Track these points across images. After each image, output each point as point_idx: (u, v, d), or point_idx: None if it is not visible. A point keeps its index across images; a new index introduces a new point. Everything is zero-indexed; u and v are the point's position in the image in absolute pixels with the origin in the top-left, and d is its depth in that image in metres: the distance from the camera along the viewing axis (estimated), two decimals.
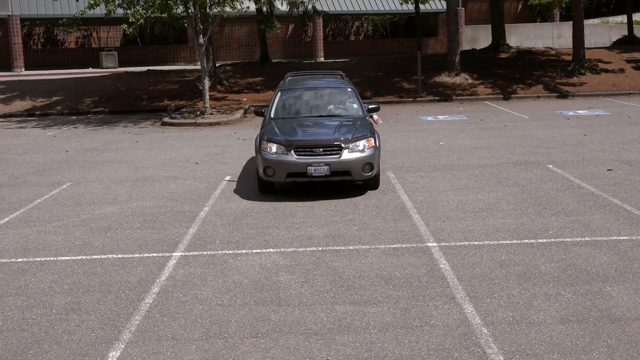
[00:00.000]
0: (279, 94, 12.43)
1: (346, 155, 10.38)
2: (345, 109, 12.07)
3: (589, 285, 6.80)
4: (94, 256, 8.23)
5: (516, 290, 6.73)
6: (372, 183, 10.96)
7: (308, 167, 10.29)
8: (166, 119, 21.23)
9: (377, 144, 10.83)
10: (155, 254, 8.23)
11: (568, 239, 8.25)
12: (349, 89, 12.53)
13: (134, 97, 25.53)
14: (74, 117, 23.25)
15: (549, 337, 5.71)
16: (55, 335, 6.07)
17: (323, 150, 10.39)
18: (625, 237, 8.25)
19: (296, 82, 13.06)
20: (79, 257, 8.19)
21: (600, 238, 8.26)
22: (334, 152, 10.39)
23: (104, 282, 7.35)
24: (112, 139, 18.07)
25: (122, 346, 5.81)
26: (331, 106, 12.09)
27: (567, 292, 6.63)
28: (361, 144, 10.50)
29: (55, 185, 12.26)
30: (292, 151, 10.39)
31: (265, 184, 10.84)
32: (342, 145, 10.42)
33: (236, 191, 11.38)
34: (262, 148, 10.68)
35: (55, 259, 8.18)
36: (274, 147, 10.52)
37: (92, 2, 19.39)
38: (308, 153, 10.39)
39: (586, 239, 8.25)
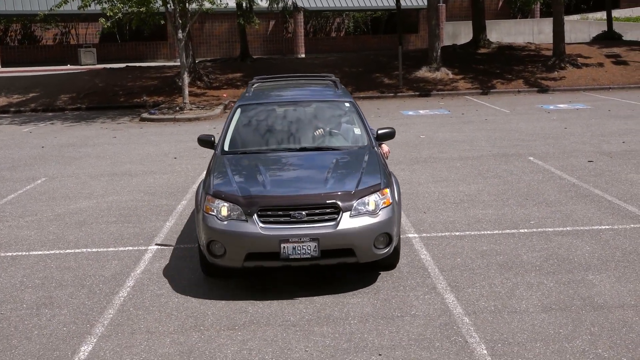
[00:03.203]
0: (238, 112, 8.01)
1: (347, 222, 6.24)
2: (341, 135, 7.79)
3: (571, 274, 6.71)
4: (67, 250, 8.03)
5: (498, 280, 6.63)
6: (389, 261, 6.85)
7: (283, 245, 6.16)
8: (145, 115, 20.98)
9: (397, 197, 6.78)
10: (130, 248, 8.05)
11: (550, 229, 8.17)
12: (347, 103, 8.14)
13: (112, 93, 25.22)
14: (50, 114, 22.91)
15: (531, 325, 5.61)
16: (25, 330, 5.88)
17: (308, 214, 6.24)
18: (607, 227, 8.19)
19: (266, 93, 8.76)
20: (52, 252, 7.99)
21: (582, 227, 8.19)
22: (327, 218, 6.26)
23: (78, 276, 7.16)
24: (89, 134, 17.80)
25: (95, 340, 5.64)
26: (319, 131, 7.74)
27: (549, 281, 6.54)
28: (371, 200, 6.39)
29: (29, 181, 12.02)
30: (256, 215, 6.24)
31: (211, 266, 6.73)
32: (340, 204, 6.28)
33: None
34: (205, 208, 6.51)
35: (27, 253, 7.97)
36: (224, 208, 6.36)
37: None
38: (282, 219, 6.25)
39: (568, 228, 8.18)
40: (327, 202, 6.32)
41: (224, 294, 6.51)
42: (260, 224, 6.25)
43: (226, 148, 7.60)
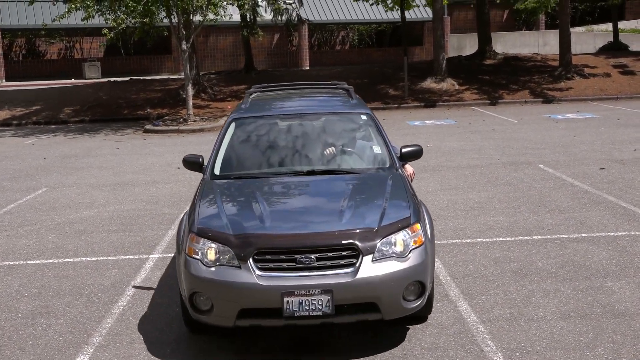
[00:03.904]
0: (232, 127, 6.69)
1: (369, 268, 4.95)
2: (357, 155, 6.45)
3: (588, 280, 6.44)
4: (66, 259, 7.78)
5: (512, 287, 6.36)
6: (419, 314, 5.50)
7: (286, 299, 4.87)
8: (148, 127, 20.80)
9: (430, 233, 5.43)
10: (131, 256, 7.80)
11: (564, 236, 7.90)
12: (364, 116, 6.76)
13: (116, 105, 25.07)
14: (53, 126, 22.75)
15: (550, 333, 5.33)
16: (19, 340, 5.63)
17: (318, 259, 4.95)
18: (624, 233, 7.91)
19: (266, 104, 7.38)
20: (50, 261, 7.74)
21: (597, 234, 7.91)
22: (343, 264, 4.97)
23: (76, 285, 6.92)
24: (92, 145, 17.61)
25: (92, 350, 5.39)
26: (330, 150, 6.41)
27: (567, 288, 6.26)
28: (399, 239, 5.09)
29: (30, 191, 11.80)
30: (251, 260, 4.97)
31: (195, 322, 5.38)
32: (360, 244, 4.98)
33: None
34: (187, 250, 5.22)
35: (24, 262, 7.73)
36: (211, 251, 5.08)
37: (72, 6, 18.97)
38: (285, 265, 4.97)
39: (583, 235, 7.91)
40: (343, 242, 4.96)
41: None
42: (258, 272, 4.91)
43: (217, 171, 6.27)
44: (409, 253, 5.08)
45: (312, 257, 4.95)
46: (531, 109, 22.27)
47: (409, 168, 6.76)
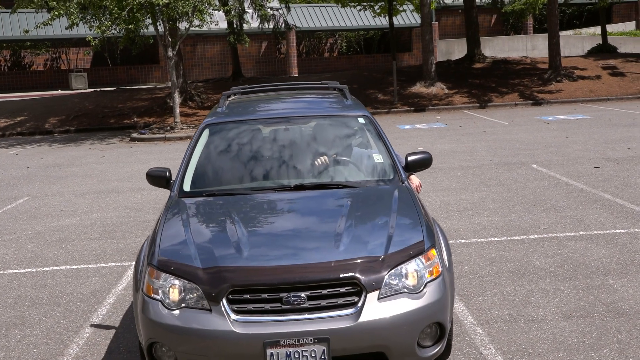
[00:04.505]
0: (205, 134, 5.62)
1: (375, 308, 3.99)
2: (355, 165, 5.44)
3: (589, 279, 6.18)
4: (45, 268, 7.47)
5: (510, 287, 6.09)
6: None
7: (270, 351, 3.90)
8: (135, 135, 20.49)
9: (447, 259, 4.46)
10: (113, 264, 7.49)
11: (561, 234, 7.65)
12: (361, 119, 5.77)
13: (102, 115, 24.73)
14: (38, 136, 22.40)
15: (552, 334, 5.07)
16: None
17: (310, 298, 3.99)
18: (622, 230, 7.67)
19: (246, 107, 6.27)
20: (28, 270, 7.43)
21: (595, 232, 7.66)
22: (341, 303, 4.02)
23: (54, 294, 6.60)
24: (77, 155, 17.27)
25: None
26: (322, 159, 5.39)
27: (567, 287, 6.00)
28: (411, 270, 4.13)
29: (11, 200, 11.46)
30: (225, 301, 3.99)
31: None
32: (363, 278, 4.01)
33: None
34: (145, 288, 4.24)
35: (1, 272, 7.41)
36: (174, 288, 4.11)
37: (56, 13, 18.66)
38: (269, 306, 4.00)
39: (580, 233, 7.66)
40: (342, 276, 3.95)
41: None
42: (233, 316, 3.92)
43: (186, 187, 5.19)
44: (424, 287, 4.06)
45: (302, 295, 3.91)
46: (522, 111, 22.09)
47: (414, 180, 5.72)
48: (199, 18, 20.66)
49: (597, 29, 39.50)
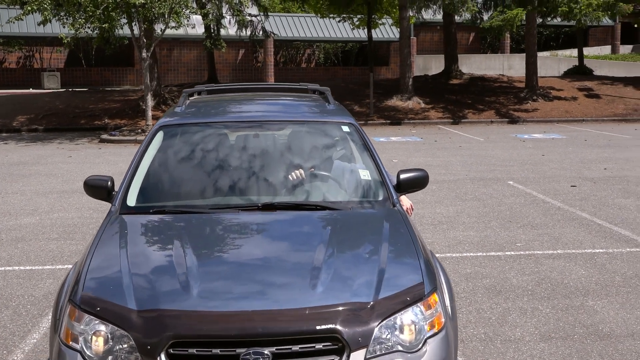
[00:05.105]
0: (158, 137, 4.70)
1: None
2: (336, 182, 4.56)
3: (568, 299, 5.94)
4: None
5: (486, 305, 5.83)
6: None
7: None
8: (105, 136, 20.02)
9: (449, 305, 3.58)
10: (69, 266, 7.08)
11: (538, 252, 7.42)
12: (346, 127, 4.90)
13: (72, 115, 24.19)
14: (5, 134, 21.80)
15: (530, 356, 4.80)
16: None
17: (277, 356, 3.06)
18: (601, 250, 7.46)
19: (209, 108, 5.30)
20: None
21: (573, 251, 7.44)
22: None
23: (3, 296, 6.20)
24: (43, 154, 16.77)
25: None
26: (297, 174, 4.48)
27: (545, 307, 5.75)
28: (407, 320, 3.23)
29: None
30: (163, 355, 3.04)
31: None
32: (345, 331, 3.09)
33: None
34: (64, 332, 3.25)
35: None
36: (98, 336, 3.15)
37: (29, 8, 18.17)
38: None
39: (558, 251, 7.43)
40: (319, 328, 3.09)
41: None
42: None
43: (130, 202, 4.24)
44: (423, 344, 3.18)
45: (267, 352, 3.04)
46: (497, 129, 22.02)
47: (405, 201, 4.91)
48: (175, 20, 20.33)
49: (574, 52, 39.82)
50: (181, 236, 3.74)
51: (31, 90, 35.81)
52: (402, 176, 4.50)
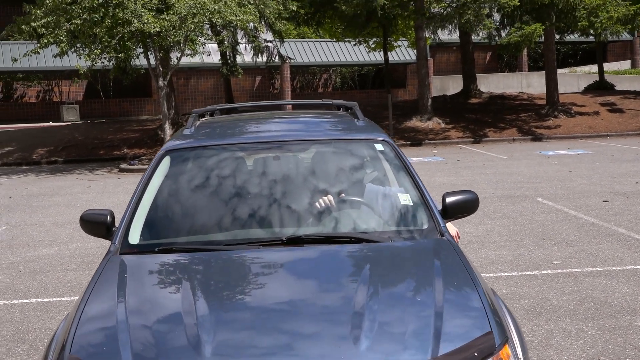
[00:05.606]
0: (165, 163, 4.12)
1: None
2: (371, 209, 3.86)
3: (614, 319, 5.58)
4: (14, 301, 6.83)
5: (527, 327, 5.48)
6: None
7: None
8: (124, 166, 19.92)
9: (521, 355, 2.81)
10: None
11: (577, 269, 7.06)
12: (380, 144, 4.24)
13: (91, 146, 24.19)
14: (25, 167, 21.80)
15: None
16: None
17: None
18: None
19: (222, 128, 4.66)
20: None
21: (614, 268, 7.08)
22: None
23: (20, 329, 5.96)
24: (62, 185, 16.66)
25: None
26: (326, 200, 3.81)
27: (590, 328, 5.40)
28: None
29: None
30: None
31: None
32: None
33: None
34: None
35: None
36: None
37: (45, 40, 18.20)
38: None
39: (598, 268, 7.07)
40: None
41: None
42: None
43: (133, 239, 3.67)
44: None
45: None
46: (520, 146, 21.66)
47: (451, 228, 4.34)
48: (191, 48, 20.30)
49: (593, 67, 39.45)
50: (191, 279, 3.16)
51: (51, 124, 36.01)
52: (449, 199, 3.84)
